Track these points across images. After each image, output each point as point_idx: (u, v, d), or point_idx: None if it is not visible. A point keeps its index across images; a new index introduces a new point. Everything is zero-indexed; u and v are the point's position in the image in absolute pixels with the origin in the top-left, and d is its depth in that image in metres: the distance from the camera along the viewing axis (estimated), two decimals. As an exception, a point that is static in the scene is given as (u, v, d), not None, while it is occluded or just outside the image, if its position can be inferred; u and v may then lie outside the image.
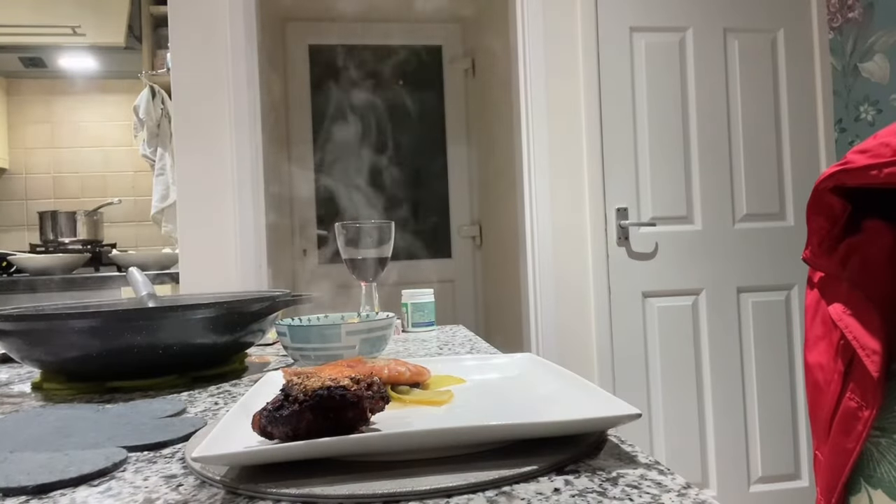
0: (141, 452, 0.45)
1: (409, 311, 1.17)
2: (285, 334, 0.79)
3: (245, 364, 0.83)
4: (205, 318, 0.72)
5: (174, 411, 0.57)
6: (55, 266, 2.15)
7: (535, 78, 2.08)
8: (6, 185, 2.82)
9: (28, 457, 0.43)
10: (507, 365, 0.64)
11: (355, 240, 0.99)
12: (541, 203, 2.09)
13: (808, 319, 0.62)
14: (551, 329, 2.08)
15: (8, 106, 2.82)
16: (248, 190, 1.98)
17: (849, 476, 0.54)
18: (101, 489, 0.38)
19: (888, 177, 0.46)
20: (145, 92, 2.46)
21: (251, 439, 0.41)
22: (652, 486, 0.34)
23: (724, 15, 2.19)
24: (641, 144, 2.14)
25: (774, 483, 2.15)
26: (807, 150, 2.23)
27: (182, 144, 1.97)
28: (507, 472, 0.36)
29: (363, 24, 3.26)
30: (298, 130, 3.28)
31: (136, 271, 0.94)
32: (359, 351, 0.78)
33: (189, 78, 1.98)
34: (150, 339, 0.69)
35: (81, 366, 0.70)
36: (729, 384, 2.14)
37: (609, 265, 2.10)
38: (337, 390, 0.40)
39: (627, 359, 2.11)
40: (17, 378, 0.81)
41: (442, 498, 0.34)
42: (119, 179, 2.89)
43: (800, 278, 2.19)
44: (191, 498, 0.36)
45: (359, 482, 0.35)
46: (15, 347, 0.70)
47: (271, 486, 0.35)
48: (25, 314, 0.72)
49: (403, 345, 1.00)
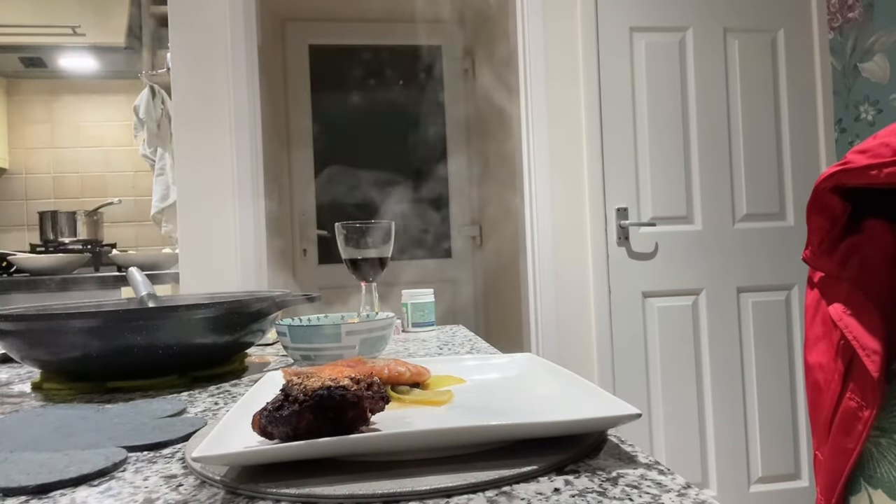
0: (141, 452, 0.45)
1: (409, 311, 1.17)
2: (285, 334, 0.79)
3: (245, 364, 0.83)
4: (205, 318, 0.72)
5: (174, 411, 0.57)
6: (55, 266, 2.15)
7: (536, 78, 2.08)
8: (6, 185, 2.82)
9: (28, 457, 0.43)
10: (507, 365, 0.64)
11: (355, 240, 0.99)
12: (541, 203, 2.09)
13: (807, 319, 0.62)
14: (551, 329, 2.08)
15: (8, 106, 2.82)
16: (248, 190, 1.98)
17: (849, 476, 0.55)
18: (101, 489, 0.38)
19: (888, 177, 0.46)
20: (145, 92, 2.45)
21: (251, 439, 0.41)
22: (652, 486, 0.34)
23: (724, 15, 2.19)
24: (641, 144, 2.13)
25: (774, 483, 2.15)
26: (807, 150, 2.23)
27: (182, 144, 1.97)
28: (507, 472, 0.36)
29: (363, 25, 3.26)
30: (298, 130, 3.28)
31: (136, 271, 0.94)
32: (359, 351, 0.78)
33: (189, 78, 1.97)
34: (150, 339, 0.69)
35: (81, 366, 0.70)
36: (729, 384, 2.14)
37: (609, 265, 2.10)
38: (337, 390, 0.40)
39: (627, 359, 2.11)
40: (17, 378, 0.81)
41: (442, 498, 0.34)
42: (119, 179, 2.89)
43: (800, 278, 2.19)
44: (191, 498, 0.36)
45: (359, 482, 0.35)
46: (15, 347, 0.70)
47: (271, 486, 0.35)
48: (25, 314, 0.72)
49: (403, 345, 1.00)
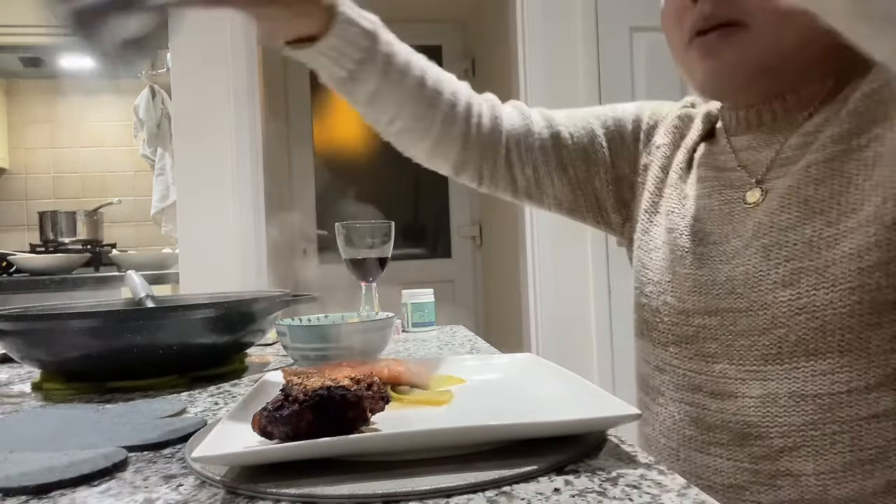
0: (141, 452, 0.45)
1: (409, 311, 1.17)
2: (285, 334, 0.79)
3: (245, 364, 0.83)
4: (205, 318, 0.72)
5: (174, 411, 0.56)
6: (55, 266, 2.15)
7: (535, 78, 2.07)
8: (6, 185, 2.82)
9: (28, 457, 0.43)
10: (507, 365, 0.64)
11: (355, 240, 0.99)
12: (541, 203, 2.08)
13: None
14: (551, 329, 2.08)
15: (8, 106, 2.82)
16: (248, 190, 1.98)
17: None
18: (101, 489, 0.38)
19: None
20: (145, 92, 2.46)
21: (251, 439, 0.41)
22: (652, 486, 0.34)
23: (724, 15, 2.18)
24: (641, 144, 2.13)
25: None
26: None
27: (182, 144, 1.97)
28: (507, 472, 0.36)
29: (363, 24, 3.26)
30: (299, 130, 3.28)
31: (134, 274, 0.94)
32: (359, 351, 0.78)
33: (189, 78, 1.97)
34: (149, 339, 0.69)
35: (81, 366, 0.70)
36: (729, 384, 2.14)
37: (609, 265, 2.10)
38: (337, 390, 0.40)
39: (627, 359, 2.10)
40: (17, 378, 0.81)
41: (442, 498, 0.34)
42: (119, 179, 2.89)
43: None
44: (191, 498, 0.36)
45: (359, 482, 0.35)
46: (15, 347, 0.70)
47: (271, 486, 0.35)
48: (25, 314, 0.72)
49: (403, 345, 1.00)
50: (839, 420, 0.52)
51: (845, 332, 0.51)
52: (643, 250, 0.71)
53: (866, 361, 0.51)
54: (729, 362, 0.58)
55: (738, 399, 0.57)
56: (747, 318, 0.57)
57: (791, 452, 0.54)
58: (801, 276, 0.54)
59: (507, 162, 0.76)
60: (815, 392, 0.53)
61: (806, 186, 0.56)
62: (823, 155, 0.56)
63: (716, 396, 0.59)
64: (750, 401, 0.56)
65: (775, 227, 0.57)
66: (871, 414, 0.51)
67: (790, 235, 0.56)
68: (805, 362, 0.53)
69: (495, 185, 0.78)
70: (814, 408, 0.53)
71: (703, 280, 0.61)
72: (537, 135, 0.76)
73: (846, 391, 0.52)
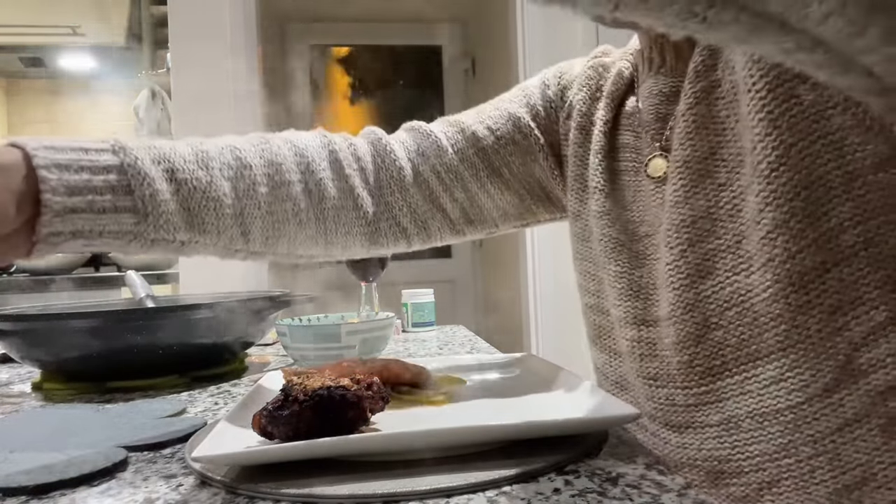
0: (141, 452, 0.45)
1: (409, 311, 1.17)
2: (285, 334, 0.79)
3: (245, 364, 0.83)
4: (205, 318, 0.72)
5: (174, 411, 0.57)
6: (55, 266, 2.15)
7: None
8: (6, 185, 2.82)
9: (28, 457, 0.43)
10: (507, 365, 0.64)
11: (355, 240, 0.99)
12: (541, 203, 2.08)
13: None
14: (551, 329, 2.07)
15: (8, 106, 2.82)
16: (248, 190, 1.97)
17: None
18: (100, 489, 0.38)
19: None
20: (145, 92, 2.45)
21: (251, 439, 0.41)
22: (652, 486, 0.34)
23: (724, 15, 2.18)
24: (641, 144, 2.13)
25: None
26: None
27: (182, 144, 1.97)
28: (507, 472, 0.36)
29: (364, 25, 3.26)
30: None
31: (134, 274, 0.94)
32: (359, 351, 0.78)
33: (189, 78, 1.97)
34: (149, 340, 0.69)
35: (81, 366, 0.70)
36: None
37: (609, 265, 2.10)
38: (337, 390, 0.40)
39: (627, 359, 2.10)
40: (17, 378, 0.81)
41: (442, 498, 0.34)
42: (119, 179, 2.88)
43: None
44: (191, 498, 0.36)
45: (359, 482, 0.35)
46: (15, 347, 0.70)
47: (271, 486, 0.35)
48: (25, 314, 0.72)
49: (403, 345, 1.00)
50: (810, 440, 0.43)
51: (778, 323, 0.43)
52: (579, 240, 0.61)
53: (813, 355, 0.42)
54: (673, 385, 0.49)
55: (698, 430, 0.48)
56: (678, 324, 0.48)
57: (771, 489, 0.45)
58: (716, 259, 0.45)
59: (428, 195, 0.62)
60: (774, 407, 0.44)
61: (682, 145, 0.47)
62: (688, 102, 0.46)
63: (673, 429, 0.50)
64: (710, 430, 0.47)
65: (673, 204, 0.47)
66: (841, 424, 0.42)
67: (684, 211, 0.46)
68: (753, 370, 0.45)
69: (426, 231, 0.63)
70: (780, 429, 0.44)
71: (637, 282, 0.52)
72: (451, 148, 0.63)
73: (805, 401, 0.43)
